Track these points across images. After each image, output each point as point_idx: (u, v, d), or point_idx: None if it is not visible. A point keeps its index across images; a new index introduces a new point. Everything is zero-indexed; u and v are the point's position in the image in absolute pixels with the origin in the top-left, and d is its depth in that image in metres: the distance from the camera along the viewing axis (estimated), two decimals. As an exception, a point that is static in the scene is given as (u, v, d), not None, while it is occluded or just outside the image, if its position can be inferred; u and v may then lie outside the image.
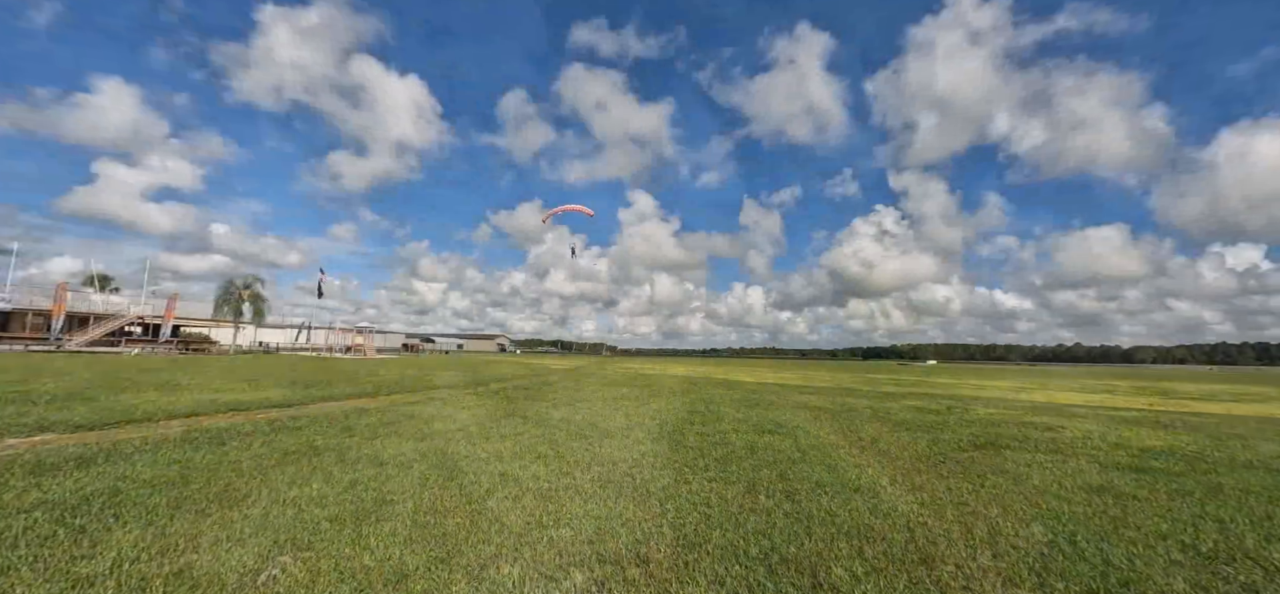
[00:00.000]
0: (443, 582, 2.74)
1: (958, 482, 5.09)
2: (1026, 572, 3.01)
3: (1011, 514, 4.07)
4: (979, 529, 3.70)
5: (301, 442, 6.35)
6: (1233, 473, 5.71)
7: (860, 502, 4.34)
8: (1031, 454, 6.61)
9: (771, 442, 7.07)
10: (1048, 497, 4.59)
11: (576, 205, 34.95)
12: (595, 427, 8.07)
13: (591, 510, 3.90)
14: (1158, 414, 11.77)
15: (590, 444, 6.62)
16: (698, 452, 6.28)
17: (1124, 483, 5.18)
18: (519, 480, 4.74)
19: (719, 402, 12.57)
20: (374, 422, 8.07)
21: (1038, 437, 8.05)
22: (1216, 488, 5.02)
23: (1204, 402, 15.95)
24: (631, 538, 3.37)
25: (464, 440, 6.69)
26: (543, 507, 3.98)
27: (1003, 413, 11.37)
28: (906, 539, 3.48)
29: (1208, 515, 4.13)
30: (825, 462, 5.87)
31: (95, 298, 40.39)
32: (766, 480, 4.94)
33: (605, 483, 4.70)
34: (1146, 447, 7.29)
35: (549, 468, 5.24)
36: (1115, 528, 3.79)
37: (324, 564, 2.96)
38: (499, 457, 5.71)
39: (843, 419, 9.77)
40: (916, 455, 6.40)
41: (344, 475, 4.80)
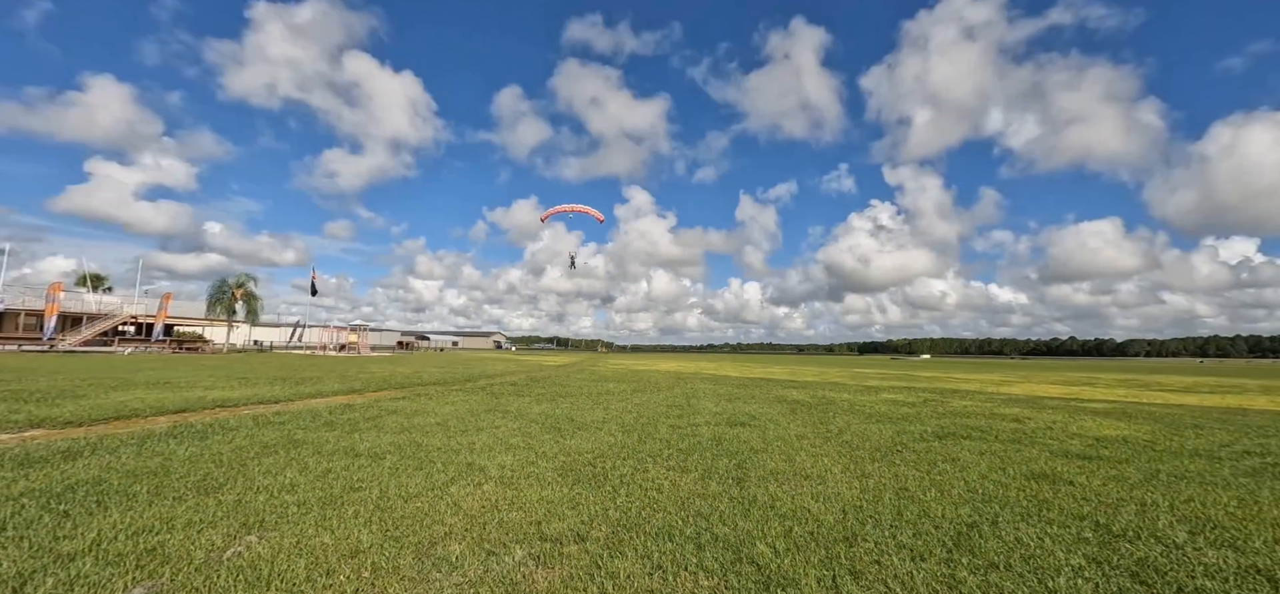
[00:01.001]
0: (392, 556, 2.96)
1: (907, 469, 5.33)
2: (938, 548, 3.24)
3: (946, 498, 4.31)
4: (909, 511, 3.93)
5: (283, 435, 6.56)
6: (1174, 460, 5.96)
7: (807, 488, 4.57)
8: (989, 443, 6.85)
9: (739, 434, 7.31)
10: (987, 482, 4.83)
11: (583, 206, 31.90)
12: (572, 420, 8.30)
13: (546, 496, 4.13)
14: (1126, 406, 12.05)
15: (562, 437, 6.84)
16: (664, 443, 6.51)
17: (1067, 469, 5.42)
18: (484, 470, 4.96)
19: (700, 396, 12.81)
20: (356, 417, 8.28)
21: (1001, 427, 8.31)
22: (1153, 474, 5.27)
23: (1181, 394, 16.25)
24: (577, 520, 3.59)
25: (441, 433, 6.90)
26: (501, 493, 4.20)
27: (977, 405, 11.64)
28: (837, 520, 3.71)
29: (1133, 499, 4.38)
30: (785, 452, 6.11)
31: (88, 298, 40.45)
32: (722, 469, 5.18)
33: (566, 472, 4.93)
34: (1102, 436, 7.55)
35: (516, 457, 5.47)
36: (1040, 510, 4.03)
37: (286, 542, 3.18)
38: (470, 448, 5.93)
39: (817, 412, 10.01)
40: (877, 446, 6.64)
41: (318, 466, 5.02)
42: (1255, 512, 4.09)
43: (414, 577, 2.76)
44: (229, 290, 42.98)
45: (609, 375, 21.71)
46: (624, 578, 2.77)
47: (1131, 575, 2.93)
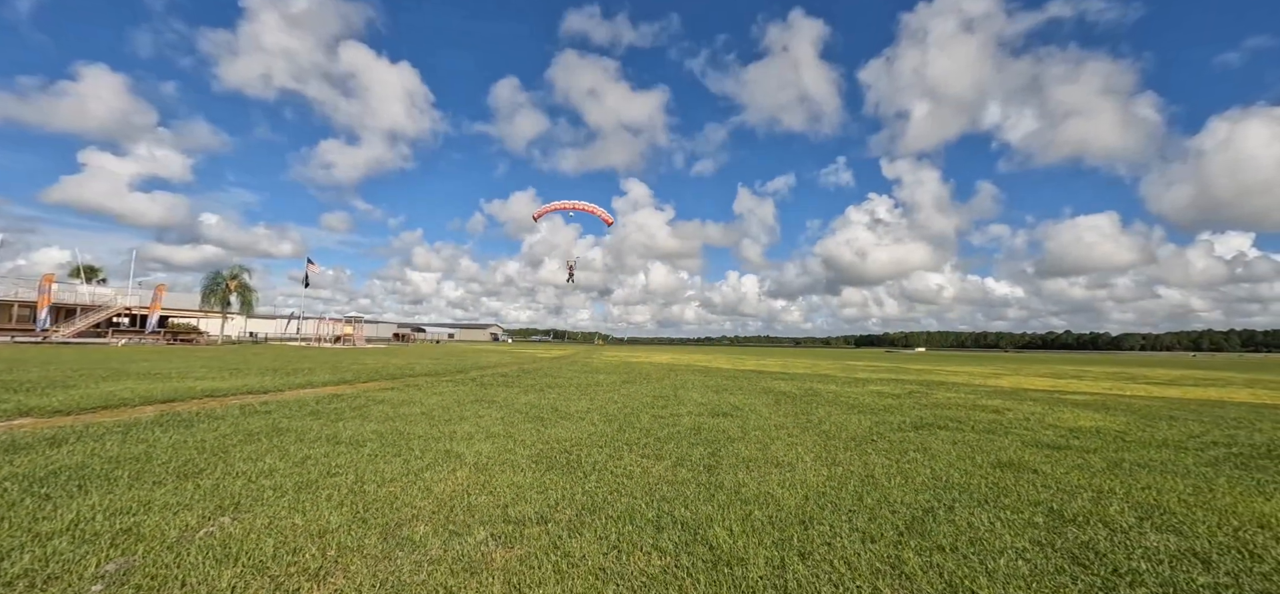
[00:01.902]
0: (358, 537, 3.06)
1: (877, 458, 5.45)
2: (890, 532, 3.35)
3: (909, 485, 4.42)
4: (870, 497, 4.04)
5: (267, 423, 6.65)
6: (1140, 450, 6.09)
7: (775, 475, 4.69)
8: (963, 433, 6.98)
9: (718, 424, 7.43)
10: (953, 471, 4.95)
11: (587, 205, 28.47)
12: (556, 410, 8.40)
13: (517, 481, 4.23)
14: (1107, 398, 12.21)
15: (543, 426, 6.94)
16: (644, 432, 6.62)
17: (1034, 458, 5.54)
18: (461, 457, 5.06)
19: (688, 387, 12.94)
20: (343, 406, 8.37)
21: (980, 418, 8.44)
22: (1116, 463, 5.40)
23: (1165, 387, 16.44)
24: (543, 503, 3.69)
25: (424, 422, 7.00)
26: (474, 478, 4.30)
27: (961, 397, 11.78)
28: (798, 504, 3.82)
29: (1091, 486, 4.50)
30: (760, 441, 6.23)
31: (82, 289, 40.38)
32: (695, 457, 5.28)
33: (540, 459, 5.03)
34: (1077, 427, 7.69)
35: (494, 446, 5.57)
36: (997, 496, 4.15)
37: (258, 523, 3.27)
38: (451, 437, 6.03)
39: (801, 404, 10.14)
40: (853, 436, 6.76)
41: (299, 452, 5.11)
42: (1207, 498, 4.22)
43: (377, 555, 2.86)
44: (223, 282, 42.88)
45: (601, 367, 21.83)
46: (579, 557, 2.87)
47: (1071, 558, 3.04)
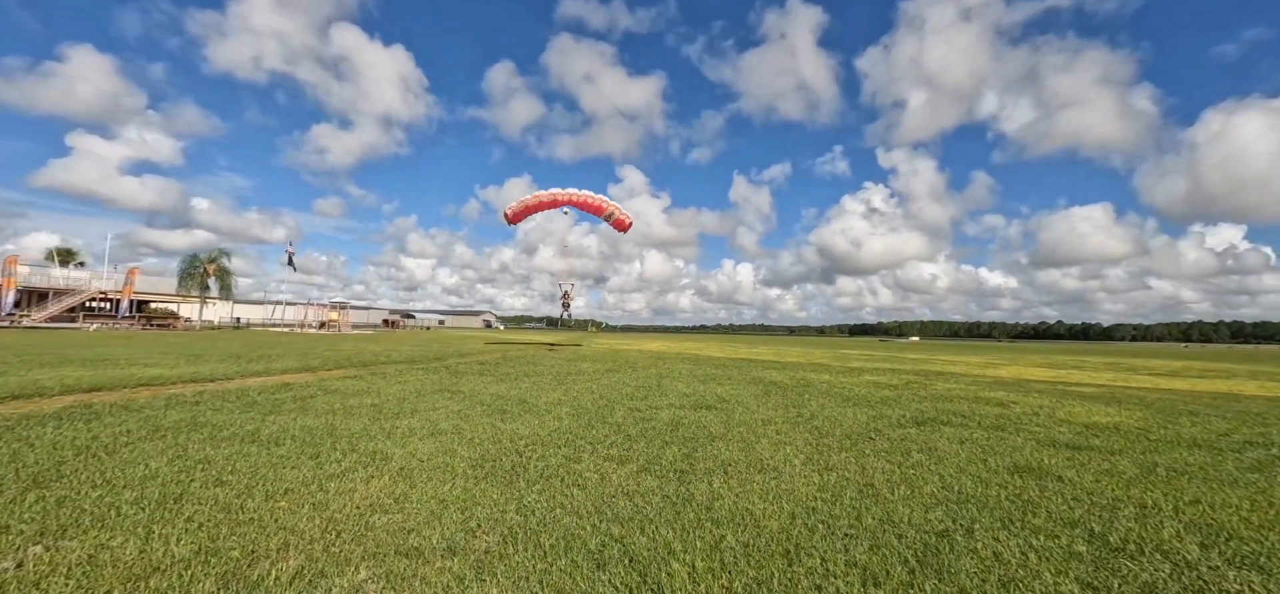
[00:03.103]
0: (185, 579, 2.29)
1: (876, 461, 4.73)
2: (899, 568, 2.61)
3: (916, 497, 3.70)
4: (871, 515, 3.31)
5: (186, 417, 5.85)
6: (1171, 451, 5.40)
7: (758, 484, 3.95)
8: (970, 430, 6.27)
9: (701, 418, 6.69)
10: (965, 478, 4.23)
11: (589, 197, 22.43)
12: (524, 402, 7.64)
13: (441, 493, 3.46)
14: (1115, 390, 11.58)
15: (502, 421, 6.18)
16: (614, 428, 5.87)
17: (1054, 462, 4.84)
18: (388, 459, 4.29)
19: (674, 376, 12.20)
20: (286, 397, 7.57)
21: (984, 412, 7.75)
22: (1149, 468, 4.70)
23: (1170, 378, 15.87)
24: (463, 525, 2.93)
25: (368, 416, 6.22)
26: (389, 489, 3.53)
27: (961, 388, 11.10)
28: (782, 526, 3.08)
29: (1130, 500, 3.79)
30: (745, 439, 5.49)
31: (56, 273, 39.01)
32: (667, 460, 4.54)
33: (481, 463, 4.26)
34: (1092, 423, 7.00)
35: (434, 445, 4.80)
36: (1023, 514, 3.42)
37: (75, 553, 2.49)
38: (388, 434, 5.26)
39: (793, 394, 9.42)
40: (848, 432, 6.04)
41: (198, 453, 4.32)
42: (1271, 516, 3.51)
43: (202, 612, 2.09)
44: (201, 265, 41.46)
45: (587, 355, 21.07)
46: (479, 615, 2.11)
47: (1137, 607, 2.31)
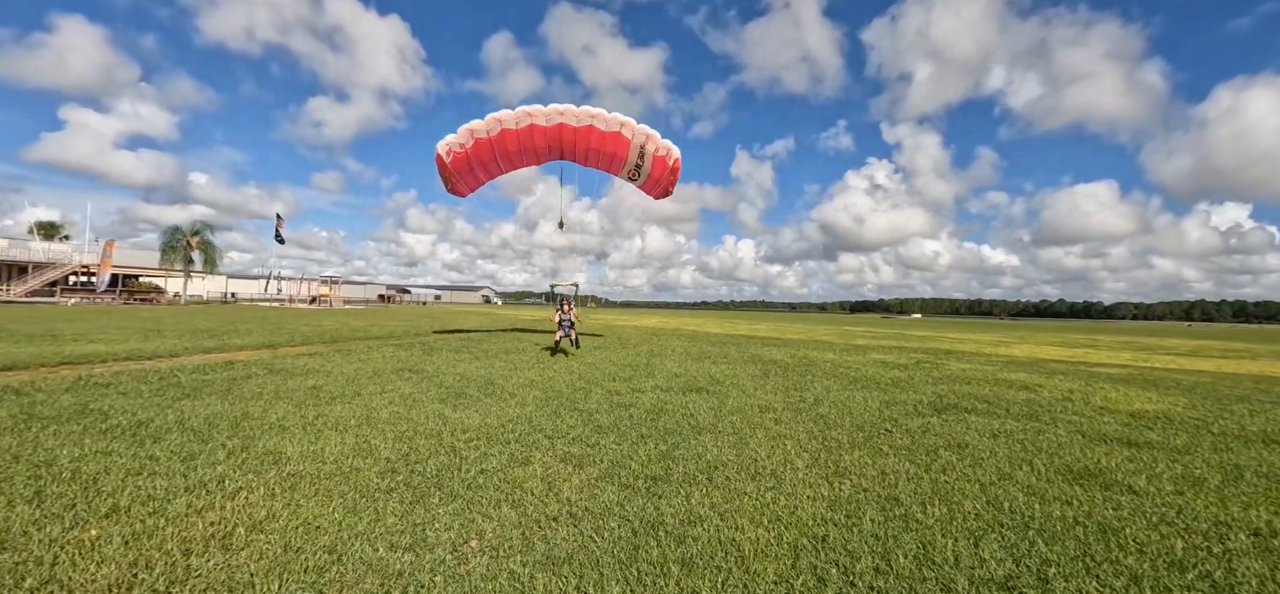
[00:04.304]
0: None
1: (898, 462, 3.83)
2: (958, 657, 1.71)
3: (958, 520, 2.79)
4: (902, 552, 2.41)
5: (77, 403, 4.96)
6: (1246, 449, 4.51)
7: (750, 497, 3.05)
8: (1001, 421, 5.38)
9: (688, 403, 5.79)
10: (1013, 488, 3.33)
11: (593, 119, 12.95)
12: (490, 383, 6.75)
13: (320, 515, 2.55)
14: (1142, 372, 10.68)
15: (456, 407, 5.28)
16: (584, 417, 4.97)
17: (1114, 463, 3.94)
18: (282, 461, 3.38)
19: (666, 354, 11.30)
20: (219, 377, 6.68)
21: (1011, 398, 6.85)
22: (1235, 473, 3.80)
23: (1192, 358, 14.99)
24: (319, 572, 2.03)
25: (298, 402, 5.32)
26: (258, 507, 2.63)
27: (977, 369, 10.21)
28: (782, 574, 2.18)
29: (1235, 523, 2.88)
30: (738, 432, 4.59)
31: (36, 246, 37.84)
32: (639, 460, 3.64)
33: (396, 468, 3.35)
34: (1137, 411, 6.10)
35: (354, 441, 3.89)
36: (1108, 548, 2.52)
37: None
38: (307, 425, 4.35)
39: (794, 375, 8.52)
40: (860, 422, 5.14)
41: (49, 451, 3.42)
42: None
43: None
44: (183, 238, 40.10)
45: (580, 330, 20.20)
46: None
47: None
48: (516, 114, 11.43)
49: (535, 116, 11.36)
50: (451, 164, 11.90)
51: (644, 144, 11.79)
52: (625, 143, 11.84)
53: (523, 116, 11.39)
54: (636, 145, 11.87)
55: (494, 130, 11.50)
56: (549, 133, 11.45)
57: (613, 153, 12.01)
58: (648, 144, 11.82)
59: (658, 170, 12.40)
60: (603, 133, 11.51)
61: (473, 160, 12.05)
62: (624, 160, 12.22)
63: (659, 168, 12.34)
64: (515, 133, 11.49)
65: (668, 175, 12.59)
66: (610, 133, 11.59)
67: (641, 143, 11.79)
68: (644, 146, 11.79)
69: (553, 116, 11.28)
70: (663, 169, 12.38)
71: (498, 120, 11.46)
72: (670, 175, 12.63)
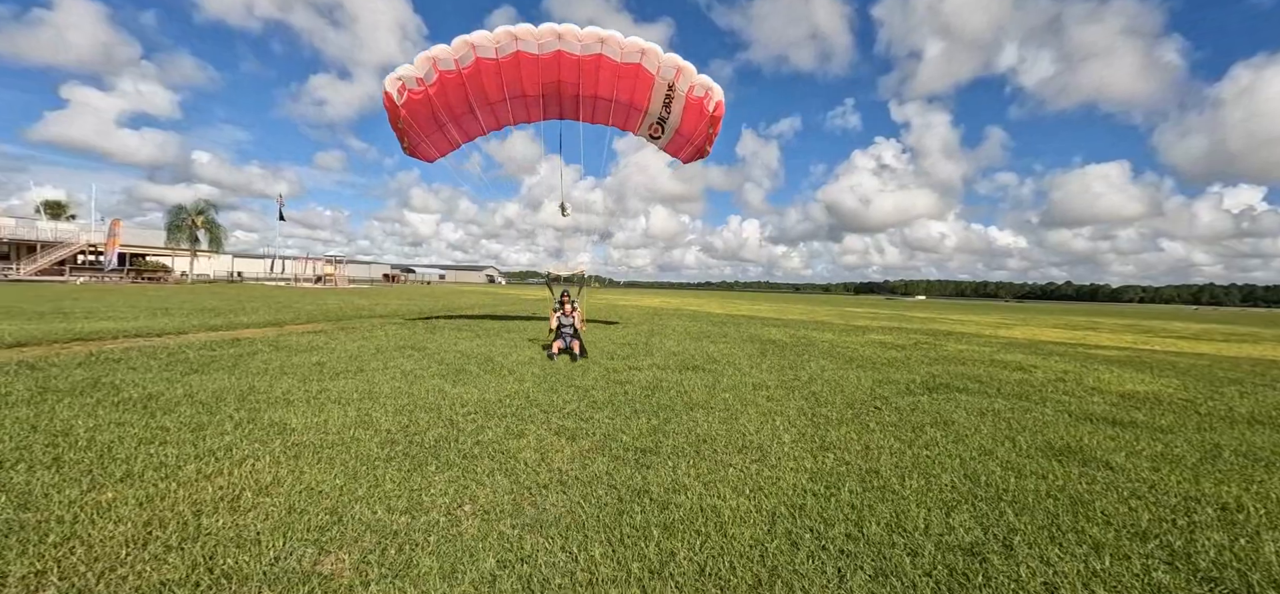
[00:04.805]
0: None
1: (883, 437, 3.94)
2: (915, 612, 1.83)
3: (933, 492, 2.90)
4: (876, 518, 2.52)
5: (90, 377, 5.11)
6: (1229, 429, 4.59)
7: (735, 468, 3.17)
8: (990, 400, 5.47)
9: (683, 381, 5.90)
10: (992, 463, 3.43)
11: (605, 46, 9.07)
12: (489, 361, 6.88)
13: (322, 481, 2.69)
14: (1140, 354, 10.73)
15: (455, 383, 5.42)
16: (580, 393, 5.10)
17: (1095, 440, 4.04)
18: (286, 432, 3.52)
19: (666, 333, 11.42)
20: (226, 354, 6.84)
21: (1004, 377, 6.94)
22: (1213, 452, 3.89)
23: (1194, 341, 14.99)
24: (320, 531, 2.16)
25: (303, 377, 5.47)
26: (263, 473, 2.76)
27: (974, 350, 10.29)
28: (759, 538, 2.30)
29: (1205, 498, 2.98)
30: (729, 408, 4.71)
31: (42, 226, 38.13)
32: (631, 434, 3.76)
33: (395, 438, 3.49)
34: (1128, 392, 6.18)
35: (356, 413, 4.02)
36: (1075, 518, 2.63)
37: None
38: (311, 399, 4.50)
39: (791, 354, 8.63)
40: (851, 399, 5.25)
41: (65, 420, 3.57)
42: (1397, 523, 2.70)
43: None
44: (188, 217, 40.29)
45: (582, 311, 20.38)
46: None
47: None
48: (498, 38, 8.28)
49: (524, 41, 8.29)
50: (406, 110, 8.74)
51: (672, 82, 8.77)
52: (647, 81, 8.78)
53: (507, 41, 8.27)
54: (662, 85, 8.83)
55: (466, 61, 8.38)
56: (544, 67, 8.60)
57: (629, 97, 9.05)
58: (678, 81, 8.77)
59: (692, 120, 9.22)
60: (616, 66, 8.59)
61: (437, 107, 8.88)
62: (644, 109, 9.22)
63: (693, 116, 9.16)
64: (495, 67, 8.48)
65: (706, 127, 9.38)
66: (626, 66, 8.61)
67: (669, 80, 8.76)
68: (672, 85, 8.81)
69: (548, 42, 8.34)
70: (699, 117, 9.19)
71: (470, 46, 8.30)
72: (710, 126, 9.38)
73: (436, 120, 9.17)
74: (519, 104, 9.32)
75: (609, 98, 9.06)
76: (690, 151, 10.03)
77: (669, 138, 9.77)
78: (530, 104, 9.36)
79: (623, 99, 9.07)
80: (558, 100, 9.35)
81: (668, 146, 10.03)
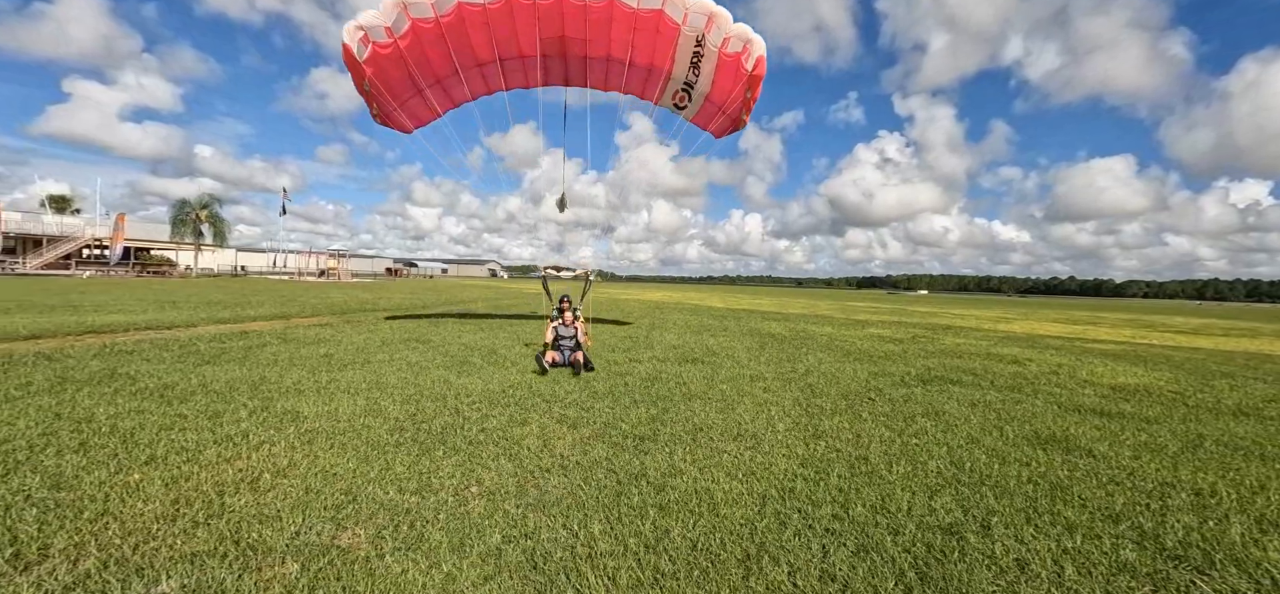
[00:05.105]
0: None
1: (874, 427, 4.06)
2: (892, 584, 1.96)
3: (919, 477, 3.03)
4: (861, 502, 2.65)
5: (106, 367, 5.27)
6: (1214, 420, 4.70)
7: (730, 454, 3.30)
8: (982, 391, 5.60)
9: (682, 372, 6.04)
10: (978, 451, 3.56)
11: None
12: (491, 353, 7.02)
13: (336, 464, 2.83)
14: (1137, 348, 10.83)
15: (460, 373, 5.56)
16: (581, 384, 5.23)
17: (1081, 431, 4.16)
18: (299, 419, 3.67)
19: (666, 327, 11.56)
20: (236, 346, 7.00)
21: (998, 370, 7.06)
22: (1194, 441, 4.01)
23: (1193, 336, 15.07)
24: (336, 508, 2.30)
25: (312, 368, 5.62)
26: (279, 457, 2.91)
27: (971, 343, 10.40)
28: (748, 517, 2.43)
29: (1181, 484, 3.11)
30: (726, 399, 4.84)
31: (48, 220, 38.44)
32: (630, 422, 3.90)
33: (404, 426, 3.63)
34: (1119, 385, 6.30)
35: (365, 402, 4.17)
36: (1052, 503, 2.75)
37: None
38: (321, 388, 4.64)
39: (789, 348, 8.76)
40: (845, 391, 5.38)
41: (86, 409, 3.72)
42: (1362, 507, 2.82)
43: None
44: (192, 211, 40.55)
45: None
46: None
47: (1224, 654, 1.65)
48: None
49: None
50: (371, 68, 7.23)
51: (702, 33, 7.22)
52: (670, 33, 7.17)
53: None
54: (689, 38, 7.21)
55: (445, 6, 6.95)
56: (543, 17, 7.13)
57: (649, 58, 7.44)
58: (709, 33, 7.20)
59: (726, 82, 7.45)
60: (632, 14, 7.04)
61: (412, 66, 7.41)
62: (666, 72, 7.55)
63: (728, 78, 7.41)
64: (482, 16, 7.03)
65: (742, 91, 7.52)
66: (645, 13, 7.03)
67: (698, 31, 7.21)
68: (701, 38, 7.25)
69: None
70: (734, 79, 7.41)
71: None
72: (748, 89, 7.49)
73: (412, 82, 7.53)
74: (514, 64, 7.76)
75: (623, 58, 7.52)
76: (722, 122, 8.22)
77: (697, 107, 8.06)
78: (527, 66, 7.88)
79: (641, 60, 7.51)
80: (562, 60, 7.86)
81: (696, 117, 8.28)
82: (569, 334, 6.09)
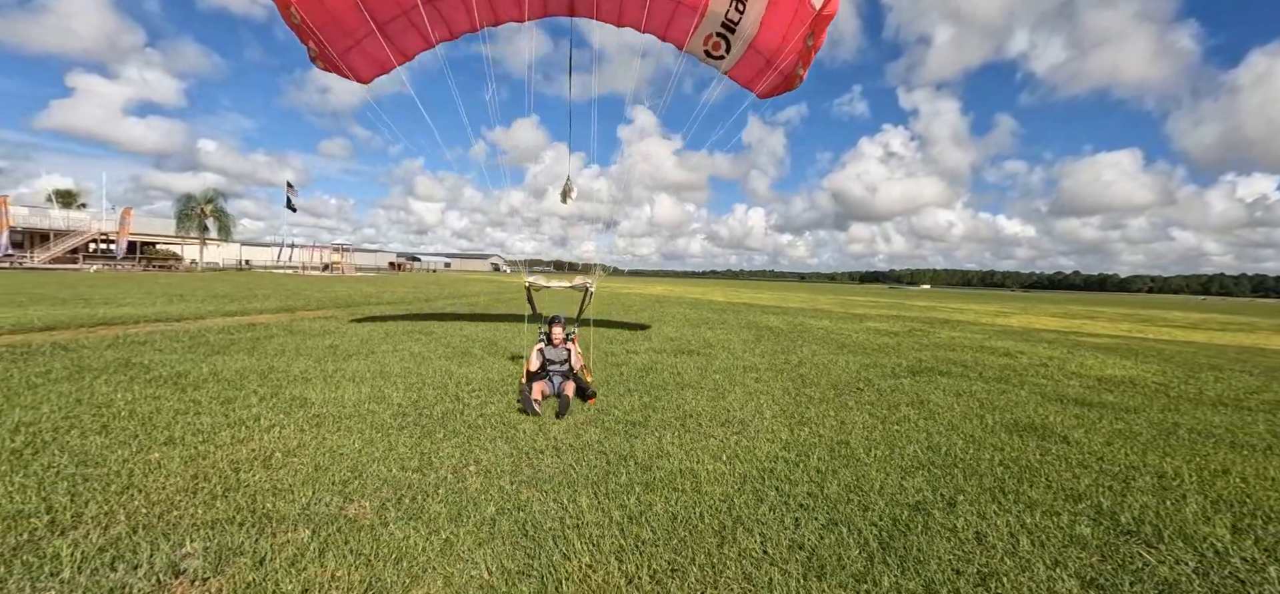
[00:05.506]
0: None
1: (858, 415, 4.22)
2: (855, 553, 2.12)
3: (895, 460, 3.19)
4: (836, 481, 2.81)
5: (120, 357, 5.47)
6: (1193, 410, 4.84)
7: (716, 439, 3.46)
8: (969, 382, 5.74)
9: (678, 363, 6.20)
10: (956, 437, 3.71)
11: None
12: (494, 344, 7.20)
13: (342, 444, 3.01)
14: (1130, 342, 10.94)
15: (460, 363, 5.73)
16: (577, 374, 5.39)
17: (1060, 419, 4.30)
18: (307, 405, 3.85)
19: (665, 319, 11.72)
20: (244, 337, 7.19)
21: (988, 362, 7.20)
22: (1169, 429, 4.15)
23: (1189, 330, 15.15)
24: (344, 484, 2.47)
25: (318, 358, 5.80)
26: (289, 438, 3.08)
27: (966, 337, 10.53)
28: (728, 495, 2.60)
29: (1147, 467, 3.26)
30: (718, 388, 5.00)
31: (55, 214, 38.83)
32: (623, 410, 4.06)
33: (407, 411, 3.81)
34: (1105, 377, 6.43)
35: (369, 390, 4.35)
36: (1019, 483, 2.91)
37: None
38: (327, 377, 4.82)
39: (784, 340, 8.91)
40: (835, 382, 5.53)
41: (104, 395, 3.90)
42: (1317, 490, 2.97)
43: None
44: (197, 205, 40.89)
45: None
46: None
47: (1153, 614, 1.81)
48: None
49: None
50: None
51: None
52: None
53: None
54: None
55: None
56: None
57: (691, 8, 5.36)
58: None
59: (781, 22, 5.25)
60: None
61: None
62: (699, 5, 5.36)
63: (784, 15, 5.19)
64: None
65: (804, 36, 5.29)
66: None
67: None
68: None
69: None
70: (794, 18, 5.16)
71: None
72: (811, 32, 5.23)
73: (358, 10, 5.17)
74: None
75: None
76: (773, 80, 5.86)
77: (738, 56, 5.79)
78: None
79: None
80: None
81: (734, 70, 6.00)
82: (559, 359, 4.60)
